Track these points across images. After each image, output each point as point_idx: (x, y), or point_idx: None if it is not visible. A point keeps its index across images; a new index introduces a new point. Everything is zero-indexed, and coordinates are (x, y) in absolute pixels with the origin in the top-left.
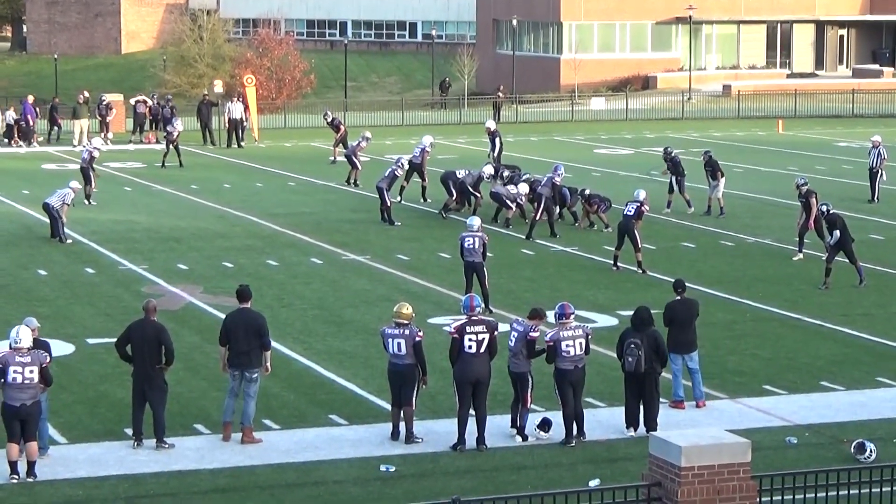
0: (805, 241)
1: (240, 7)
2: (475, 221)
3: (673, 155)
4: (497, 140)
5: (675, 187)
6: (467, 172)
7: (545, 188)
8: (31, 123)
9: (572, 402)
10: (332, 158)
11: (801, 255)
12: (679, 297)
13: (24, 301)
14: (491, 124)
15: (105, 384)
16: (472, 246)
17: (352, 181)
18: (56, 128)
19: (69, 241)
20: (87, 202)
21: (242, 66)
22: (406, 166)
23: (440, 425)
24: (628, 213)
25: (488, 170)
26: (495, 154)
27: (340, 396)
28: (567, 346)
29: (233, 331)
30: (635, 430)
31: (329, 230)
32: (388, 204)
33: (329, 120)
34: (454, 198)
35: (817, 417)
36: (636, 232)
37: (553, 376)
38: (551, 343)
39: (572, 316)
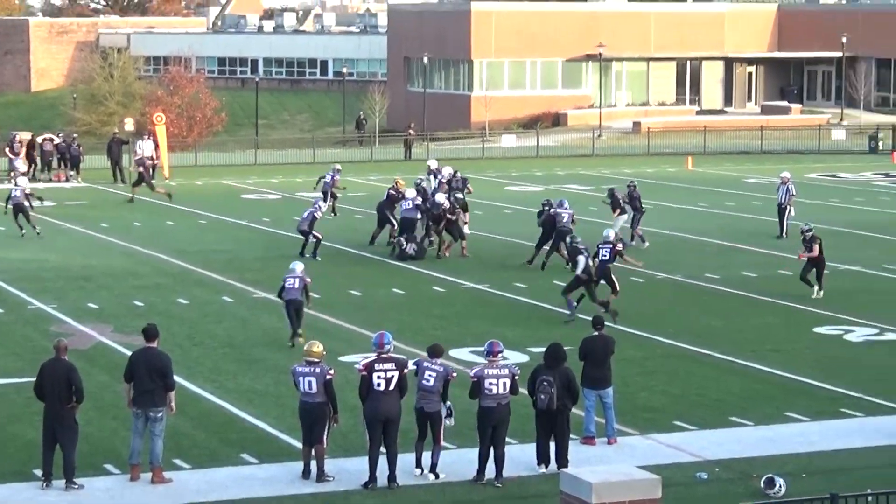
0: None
1: (150, 45)
2: (298, 266)
3: (635, 191)
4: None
5: (630, 222)
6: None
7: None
8: None
9: (489, 441)
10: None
11: (818, 291)
12: (597, 333)
13: None
14: (433, 163)
15: (14, 424)
16: (292, 286)
17: (331, 212)
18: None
19: None
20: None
21: (153, 103)
22: (324, 208)
23: (351, 463)
24: (604, 257)
25: (440, 198)
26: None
27: (252, 435)
28: (490, 383)
29: (137, 369)
30: (546, 466)
31: (240, 268)
32: (319, 237)
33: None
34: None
35: (727, 453)
36: (612, 275)
37: (476, 414)
38: (475, 379)
39: (500, 354)
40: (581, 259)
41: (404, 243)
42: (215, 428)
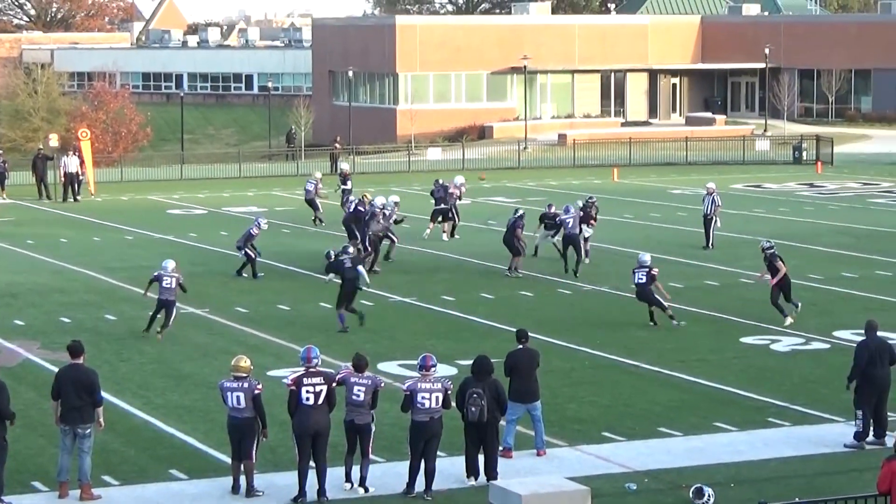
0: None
1: (74, 61)
2: (170, 263)
3: (592, 205)
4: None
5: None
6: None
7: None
8: None
9: (420, 455)
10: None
11: (790, 319)
12: (521, 346)
13: None
14: (346, 166)
15: None
16: (169, 285)
17: (317, 221)
18: None
19: None
20: None
21: (78, 119)
22: (265, 227)
23: (281, 478)
24: (640, 280)
25: (393, 198)
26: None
27: (181, 451)
28: (423, 397)
29: (64, 386)
30: (476, 479)
31: None
32: (254, 257)
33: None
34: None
35: (656, 463)
36: (655, 295)
37: (408, 428)
38: (408, 392)
39: (433, 368)
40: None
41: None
42: (144, 444)
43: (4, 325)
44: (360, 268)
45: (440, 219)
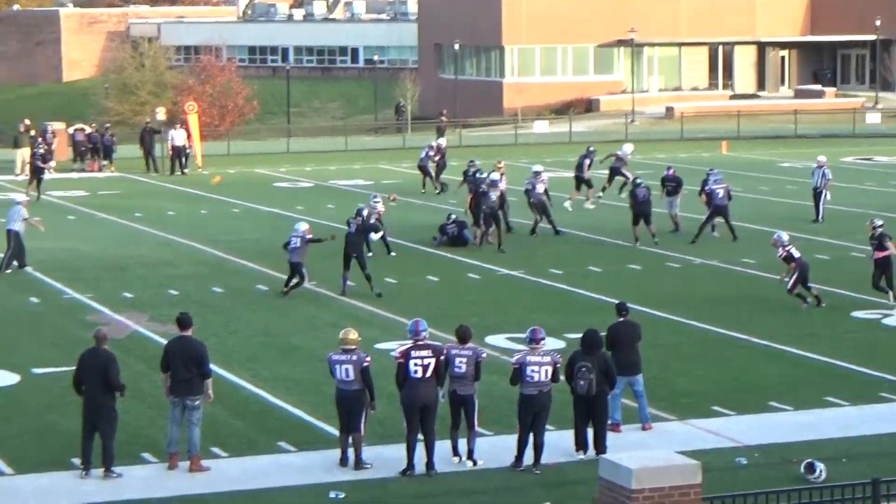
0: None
1: (181, 34)
2: (301, 226)
3: (675, 174)
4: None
5: (669, 207)
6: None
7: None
8: None
9: (529, 428)
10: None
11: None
12: (622, 319)
13: None
14: (442, 141)
15: (52, 414)
16: (294, 245)
17: (436, 188)
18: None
19: (8, 270)
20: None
21: (184, 93)
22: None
23: (389, 451)
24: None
25: (495, 175)
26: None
27: (289, 423)
28: (532, 370)
29: (172, 358)
30: (585, 453)
31: (274, 257)
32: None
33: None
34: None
35: (766, 438)
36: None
37: (517, 401)
38: (517, 366)
39: (543, 342)
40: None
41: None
42: (253, 416)
43: (113, 298)
44: (373, 235)
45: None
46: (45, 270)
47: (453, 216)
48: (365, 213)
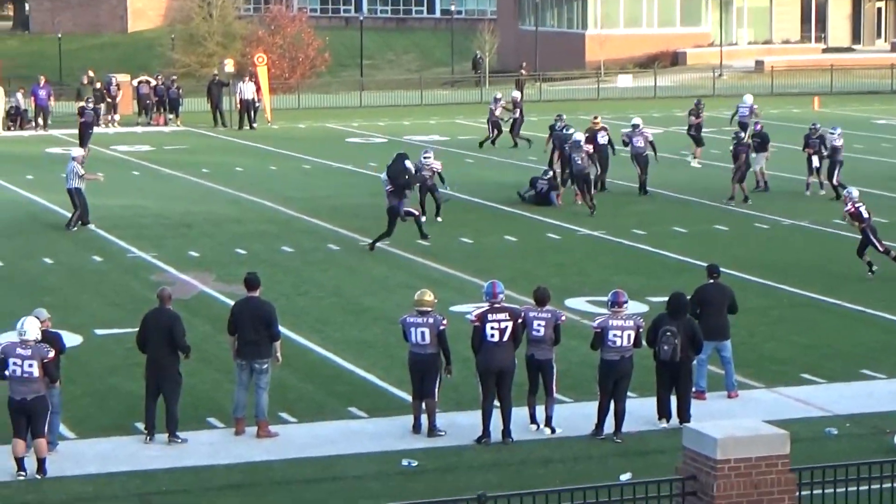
0: None
1: None
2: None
3: (820, 132)
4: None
5: (818, 167)
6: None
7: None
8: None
9: (609, 395)
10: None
11: None
12: (712, 281)
13: (28, 291)
14: (517, 94)
15: (114, 376)
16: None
17: (515, 143)
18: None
19: (74, 228)
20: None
21: (254, 44)
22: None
23: (464, 418)
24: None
25: (578, 135)
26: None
27: (360, 388)
28: (614, 335)
29: (240, 320)
30: (668, 421)
31: (346, 215)
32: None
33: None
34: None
35: (858, 407)
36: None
37: (597, 366)
38: (598, 330)
39: (625, 305)
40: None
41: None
42: (322, 380)
43: (179, 257)
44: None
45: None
46: (109, 228)
47: (550, 173)
48: (408, 164)
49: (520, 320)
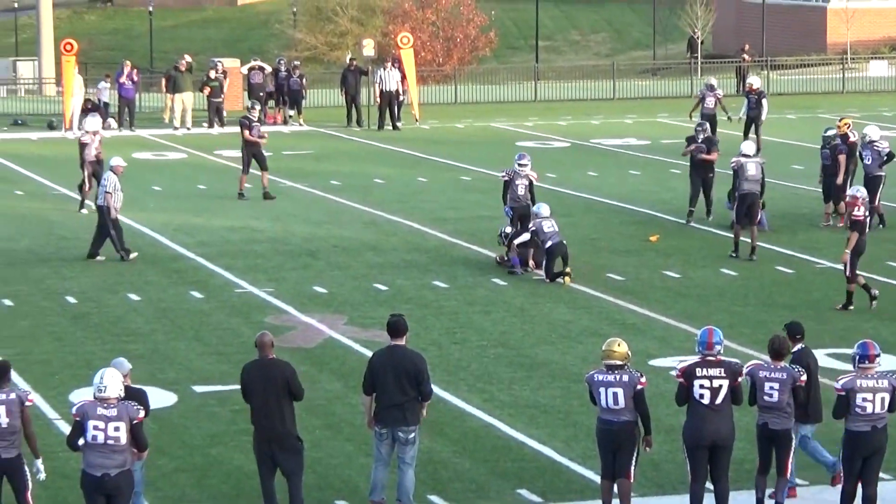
0: None
1: None
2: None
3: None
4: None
5: None
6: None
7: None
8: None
9: (856, 476)
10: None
11: None
12: None
13: (110, 335)
14: (756, 80)
15: (217, 446)
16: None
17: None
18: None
19: (133, 255)
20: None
21: (398, 20)
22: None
23: (666, 503)
24: None
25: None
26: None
27: (533, 464)
28: (864, 399)
29: (381, 375)
30: None
31: None
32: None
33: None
34: None
35: None
36: None
37: (841, 440)
38: (843, 392)
39: (877, 360)
40: None
41: None
42: (484, 454)
43: (301, 293)
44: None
45: None
46: (212, 256)
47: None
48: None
49: (740, 379)
